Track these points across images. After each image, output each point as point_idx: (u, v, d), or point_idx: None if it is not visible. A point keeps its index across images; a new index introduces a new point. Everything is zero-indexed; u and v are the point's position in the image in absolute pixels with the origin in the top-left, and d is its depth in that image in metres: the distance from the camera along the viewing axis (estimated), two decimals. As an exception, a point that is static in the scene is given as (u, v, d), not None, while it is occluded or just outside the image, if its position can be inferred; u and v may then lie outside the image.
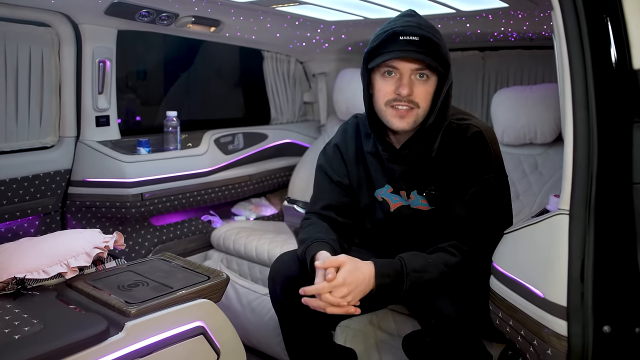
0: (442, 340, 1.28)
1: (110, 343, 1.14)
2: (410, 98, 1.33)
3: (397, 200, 1.50)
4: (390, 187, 1.50)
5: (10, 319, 1.18)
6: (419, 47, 1.30)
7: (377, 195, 1.52)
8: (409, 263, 1.32)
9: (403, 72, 1.33)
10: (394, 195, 1.50)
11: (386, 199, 1.51)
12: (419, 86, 1.34)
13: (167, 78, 3.00)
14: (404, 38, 1.30)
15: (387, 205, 1.51)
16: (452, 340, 1.28)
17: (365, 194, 1.55)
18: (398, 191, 1.49)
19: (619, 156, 0.92)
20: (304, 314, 1.41)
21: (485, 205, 1.37)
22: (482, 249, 1.32)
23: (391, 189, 1.50)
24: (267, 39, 2.68)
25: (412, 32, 1.30)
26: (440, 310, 1.29)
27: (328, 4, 2.10)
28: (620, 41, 0.92)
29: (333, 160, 1.58)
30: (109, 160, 2.13)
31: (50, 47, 2.01)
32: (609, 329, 0.92)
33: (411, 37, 1.30)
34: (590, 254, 0.92)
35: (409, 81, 1.33)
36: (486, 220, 1.36)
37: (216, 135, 2.58)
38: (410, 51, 1.29)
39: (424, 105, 1.35)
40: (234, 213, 2.78)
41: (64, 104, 2.11)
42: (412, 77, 1.33)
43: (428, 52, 1.30)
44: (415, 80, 1.34)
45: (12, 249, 1.46)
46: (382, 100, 1.37)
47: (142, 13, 2.03)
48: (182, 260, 1.58)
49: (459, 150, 1.41)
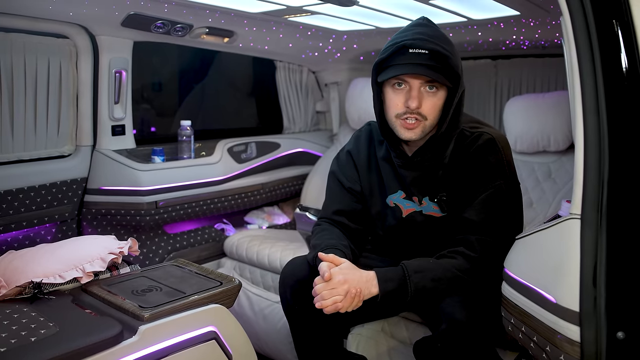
0: (453, 346, 1.27)
1: (124, 346, 1.16)
2: (419, 111, 1.35)
3: (410, 206, 1.50)
4: (403, 193, 1.51)
5: (27, 321, 1.20)
6: (428, 60, 1.31)
7: (389, 202, 1.53)
8: (410, 265, 1.34)
9: (412, 85, 1.35)
10: (406, 201, 1.50)
11: (398, 204, 1.51)
12: (427, 99, 1.35)
13: (182, 88, 3.04)
14: (414, 51, 1.31)
15: (400, 211, 1.51)
16: (464, 347, 1.27)
17: (377, 200, 1.55)
18: (410, 197, 1.50)
19: (630, 160, 0.91)
20: (314, 318, 1.41)
21: (496, 210, 1.37)
22: (490, 254, 1.32)
23: (404, 195, 1.51)
24: (279, 49, 2.71)
25: (422, 46, 1.31)
26: (451, 316, 1.28)
27: (340, 14, 2.12)
28: (630, 45, 0.92)
29: (345, 167, 1.60)
30: (125, 168, 2.16)
31: (68, 59, 2.06)
32: (623, 335, 0.91)
33: (420, 51, 1.31)
34: (603, 259, 0.92)
35: (417, 94, 1.34)
36: (496, 226, 1.36)
37: (229, 144, 2.61)
38: (419, 65, 1.31)
39: (432, 117, 1.37)
40: (247, 221, 2.79)
41: (81, 113, 2.16)
42: (421, 89, 1.35)
43: (437, 64, 1.31)
44: (425, 93, 1.35)
45: (29, 254, 1.49)
46: (392, 112, 1.39)
47: (157, 24, 2.08)
48: (195, 266, 1.60)
49: (471, 157, 1.41)
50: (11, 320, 1.21)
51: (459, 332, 1.26)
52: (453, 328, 1.27)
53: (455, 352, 1.27)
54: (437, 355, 1.31)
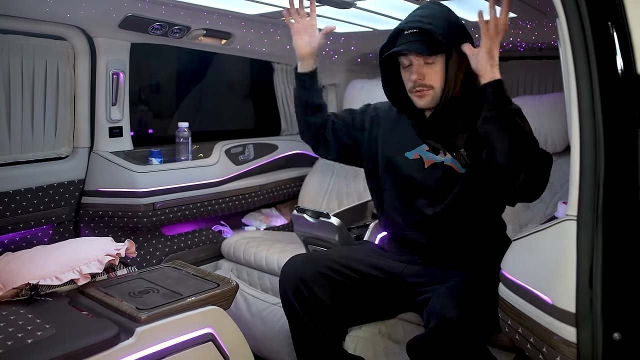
0: (444, 344, 1.29)
1: (121, 348, 1.16)
2: (422, 82, 1.50)
3: (431, 158, 1.58)
4: (427, 147, 1.59)
5: (23, 323, 1.20)
6: (418, 37, 1.47)
7: (413, 154, 1.60)
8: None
9: (413, 61, 1.51)
10: (428, 153, 1.59)
11: (422, 155, 1.59)
12: (428, 70, 1.50)
13: (179, 90, 3.04)
14: (407, 32, 1.49)
15: (422, 162, 1.59)
16: (455, 344, 1.28)
17: (397, 150, 1.63)
18: (434, 151, 1.57)
19: (626, 161, 0.92)
20: (314, 316, 1.42)
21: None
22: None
23: (427, 148, 1.59)
24: (277, 50, 2.71)
25: (412, 26, 1.49)
26: (440, 313, 1.30)
27: (337, 16, 2.13)
28: (625, 47, 0.92)
29: (363, 112, 1.76)
30: (122, 170, 2.16)
31: (65, 60, 2.06)
32: (619, 336, 0.91)
33: (411, 31, 1.48)
34: (599, 260, 0.92)
35: (417, 69, 1.50)
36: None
37: (227, 146, 2.61)
38: (409, 43, 1.47)
39: (437, 85, 1.50)
40: (245, 223, 2.79)
41: (78, 115, 2.15)
42: (420, 63, 1.49)
43: (425, 39, 1.46)
44: (425, 66, 1.49)
45: (26, 256, 1.49)
46: (407, 88, 1.56)
47: (154, 26, 2.08)
48: (192, 268, 1.60)
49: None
50: (7, 322, 1.21)
51: (449, 330, 1.28)
52: (443, 325, 1.28)
53: (447, 350, 1.28)
54: (430, 354, 1.31)
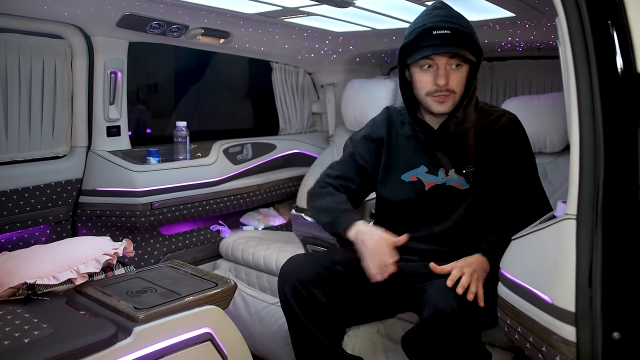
0: (438, 334, 1.28)
1: (119, 348, 1.15)
2: (447, 87, 1.45)
3: (432, 180, 1.55)
4: (426, 168, 1.56)
5: (20, 323, 1.19)
6: (452, 39, 1.41)
7: (410, 177, 1.58)
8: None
9: (439, 64, 1.45)
10: (428, 175, 1.56)
11: (421, 178, 1.57)
12: (453, 75, 1.46)
13: (177, 89, 3.04)
14: (437, 32, 1.42)
15: (422, 185, 1.56)
16: (449, 335, 1.28)
17: (395, 177, 1.60)
18: (434, 171, 1.55)
19: (626, 160, 0.91)
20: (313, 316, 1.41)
21: (535, 181, 1.55)
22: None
23: (426, 169, 1.56)
24: (275, 50, 2.71)
25: (445, 26, 1.42)
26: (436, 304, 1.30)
27: (336, 15, 2.12)
28: (625, 47, 0.92)
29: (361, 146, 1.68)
30: (120, 169, 2.15)
31: (63, 59, 2.05)
32: (619, 335, 0.91)
33: (444, 31, 1.41)
34: (598, 259, 0.92)
35: (444, 72, 1.44)
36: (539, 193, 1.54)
37: (225, 146, 2.60)
38: (445, 45, 1.41)
39: (459, 90, 1.48)
40: (243, 223, 2.79)
41: (76, 114, 2.15)
42: (447, 67, 1.45)
43: (461, 43, 1.42)
44: (450, 70, 1.46)
45: (23, 256, 1.48)
46: (423, 91, 1.50)
47: (152, 25, 2.07)
48: (190, 267, 1.59)
49: (498, 133, 1.54)
50: (4, 321, 1.20)
51: (444, 319, 1.27)
52: (438, 315, 1.28)
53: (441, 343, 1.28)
54: (425, 347, 1.31)
